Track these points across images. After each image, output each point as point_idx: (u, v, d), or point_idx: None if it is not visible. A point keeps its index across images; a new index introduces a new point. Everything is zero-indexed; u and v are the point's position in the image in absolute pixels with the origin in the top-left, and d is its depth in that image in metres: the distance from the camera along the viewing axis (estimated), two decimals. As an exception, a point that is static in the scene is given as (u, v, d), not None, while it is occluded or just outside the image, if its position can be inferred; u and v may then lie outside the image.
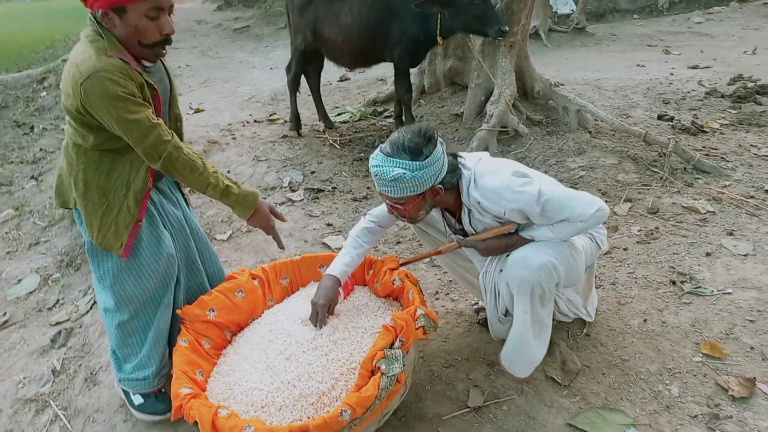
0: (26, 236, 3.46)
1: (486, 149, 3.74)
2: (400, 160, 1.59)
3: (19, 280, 3.01)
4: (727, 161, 3.53)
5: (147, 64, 1.68)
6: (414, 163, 1.58)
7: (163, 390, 1.93)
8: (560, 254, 1.69)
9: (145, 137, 1.55)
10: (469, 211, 1.78)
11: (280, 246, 1.89)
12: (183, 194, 2.03)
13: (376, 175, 1.62)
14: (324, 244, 2.97)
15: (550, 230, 1.68)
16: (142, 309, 1.81)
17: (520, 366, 1.88)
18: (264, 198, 3.51)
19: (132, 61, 1.58)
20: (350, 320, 1.83)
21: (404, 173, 1.57)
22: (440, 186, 1.67)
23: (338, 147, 4.32)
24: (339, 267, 1.88)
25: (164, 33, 1.58)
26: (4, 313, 2.73)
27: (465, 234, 1.88)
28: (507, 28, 3.48)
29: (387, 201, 1.73)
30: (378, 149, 1.67)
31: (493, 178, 1.67)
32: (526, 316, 1.75)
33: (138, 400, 1.92)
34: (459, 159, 1.74)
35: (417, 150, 1.58)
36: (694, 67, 6.06)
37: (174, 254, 1.83)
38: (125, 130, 1.54)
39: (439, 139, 1.65)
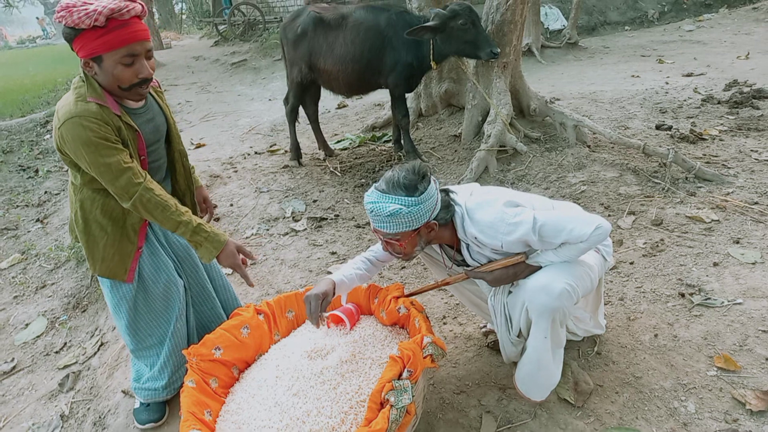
0: (33, 280, 3.48)
1: (486, 169, 3.76)
2: (396, 196, 1.61)
3: (27, 325, 3.02)
4: (729, 168, 3.51)
5: (134, 105, 1.74)
6: (410, 198, 1.60)
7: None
8: (576, 275, 1.68)
9: (116, 179, 1.64)
10: (467, 245, 1.79)
11: (249, 284, 1.91)
12: None
13: (372, 212, 1.64)
14: (329, 273, 2.96)
15: (554, 254, 1.67)
16: (155, 328, 1.96)
17: (538, 390, 1.86)
18: (267, 230, 3.52)
19: (112, 105, 1.65)
20: (357, 351, 1.82)
21: (400, 209, 1.60)
22: (434, 222, 1.69)
23: (339, 174, 4.34)
24: (337, 275, 1.89)
25: (141, 77, 1.64)
26: (12, 359, 2.73)
27: (466, 264, 1.88)
28: (498, 50, 3.54)
29: (382, 238, 1.73)
30: (372, 187, 1.69)
31: (487, 212, 1.68)
32: (547, 341, 1.74)
33: (137, 405, 2.09)
34: (451, 195, 1.76)
35: (412, 186, 1.62)
36: (689, 75, 6.09)
37: (175, 280, 1.93)
38: (97, 172, 1.63)
39: (432, 176, 1.68)
